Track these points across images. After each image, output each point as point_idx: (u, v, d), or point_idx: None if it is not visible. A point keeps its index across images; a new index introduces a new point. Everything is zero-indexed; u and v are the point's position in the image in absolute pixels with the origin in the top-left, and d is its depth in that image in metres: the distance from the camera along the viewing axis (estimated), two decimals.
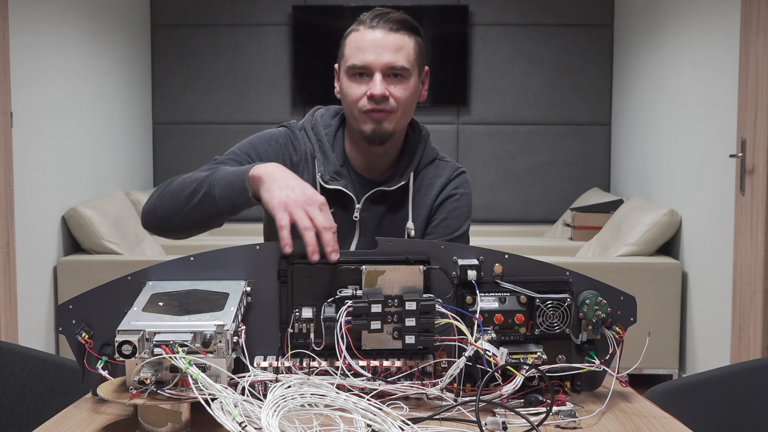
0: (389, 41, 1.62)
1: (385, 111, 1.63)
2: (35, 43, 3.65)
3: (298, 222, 1.34)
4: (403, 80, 1.64)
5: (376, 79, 1.61)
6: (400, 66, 1.62)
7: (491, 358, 1.25)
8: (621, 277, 3.73)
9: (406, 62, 1.63)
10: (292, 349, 1.29)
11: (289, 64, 5.46)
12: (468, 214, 1.78)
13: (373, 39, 1.62)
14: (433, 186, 1.75)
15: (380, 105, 1.62)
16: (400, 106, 1.64)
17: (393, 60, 1.61)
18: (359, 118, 1.65)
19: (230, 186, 1.46)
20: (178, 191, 1.55)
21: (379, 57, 1.61)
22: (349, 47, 1.65)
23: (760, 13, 3.08)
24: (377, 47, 1.61)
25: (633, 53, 4.94)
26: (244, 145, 1.72)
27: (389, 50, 1.61)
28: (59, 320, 1.27)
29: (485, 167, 5.49)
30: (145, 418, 1.13)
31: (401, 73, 1.63)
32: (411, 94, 1.66)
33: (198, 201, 1.50)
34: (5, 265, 3.25)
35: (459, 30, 5.38)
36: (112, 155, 4.75)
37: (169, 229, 1.59)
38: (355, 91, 1.64)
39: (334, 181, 1.69)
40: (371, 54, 1.61)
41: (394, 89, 1.63)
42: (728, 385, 1.61)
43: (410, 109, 1.69)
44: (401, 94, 1.63)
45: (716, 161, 3.49)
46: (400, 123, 1.67)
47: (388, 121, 1.64)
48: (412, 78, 1.65)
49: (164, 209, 1.56)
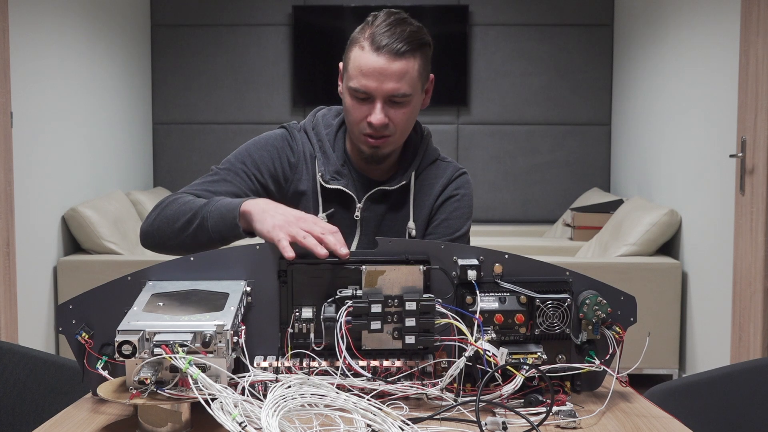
0: (393, 69, 1.58)
1: (384, 137, 1.64)
2: (35, 43, 3.65)
3: (296, 235, 1.34)
4: (404, 105, 1.62)
5: (377, 107, 1.60)
6: (401, 93, 1.60)
7: (491, 358, 1.25)
8: (621, 277, 3.73)
9: (409, 88, 1.60)
10: (292, 349, 1.29)
11: (289, 64, 5.46)
12: (469, 214, 1.78)
13: (376, 66, 1.58)
14: (435, 186, 1.75)
15: (379, 132, 1.62)
16: (398, 129, 1.64)
17: (395, 88, 1.59)
18: (358, 138, 1.66)
19: (222, 220, 1.49)
20: (173, 218, 1.57)
21: (381, 85, 1.58)
22: (353, 64, 1.61)
23: (760, 13, 3.08)
24: (380, 75, 1.58)
25: (633, 53, 4.94)
26: (241, 153, 1.72)
27: (392, 79, 1.58)
28: (59, 320, 1.27)
29: (485, 167, 5.49)
30: (145, 418, 1.14)
31: (402, 100, 1.61)
32: (410, 116, 1.65)
33: (192, 231, 1.53)
34: (5, 265, 3.25)
35: (459, 30, 5.38)
36: (112, 155, 4.75)
37: (166, 250, 1.62)
38: (356, 114, 1.63)
39: (334, 181, 1.69)
40: (373, 81, 1.58)
41: (394, 114, 1.62)
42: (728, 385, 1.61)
43: (409, 128, 1.69)
44: (401, 118, 1.63)
45: (716, 161, 3.49)
46: (398, 142, 1.68)
47: (386, 145, 1.65)
48: (414, 99, 1.64)
49: (161, 234, 1.59)
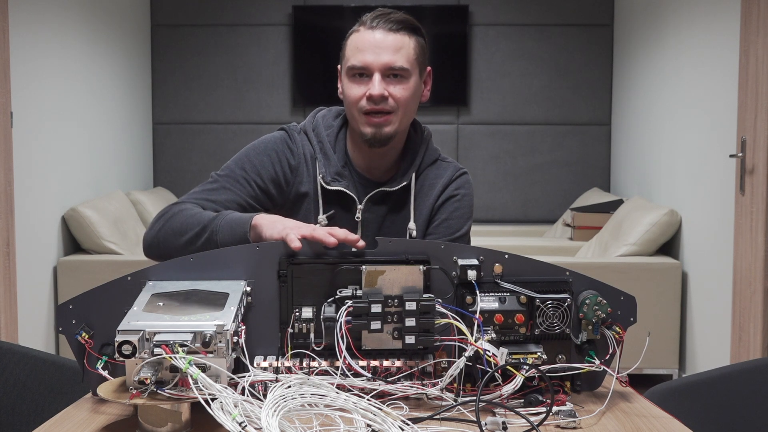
0: (388, 42, 1.62)
1: (385, 112, 1.63)
2: (35, 43, 3.65)
3: (304, 232, 1.35)
4: (402, 80, 1.64)
5: (375, 79, 1.62)
6: (399, 66, 1.62)
7: (491, 358, 1.25)
8: (621, 277, 3.72)
9: (406, 62, 1.63)
10: (292, 349, 1.29)
11: (289, 64, 5.46)
12: (469, 214, 1.78)
13: (372, 39, 1.63)
14: (435, 187, 1.75)
15: (379, 105, 1.63)
16: (400, 106, 1.64)
17: (392, 60, 1.62)
18: (359, 120, 1.66)
19: (231, 233, 1.51)
20: (180, 231, 1.57)
21: (378, 57, 1.62)
22: (349, 48, 1.66)
23: (760, 13, 3.08)
24: (376, 48, 1.62)
25: (633, 53, 4.94)
26: (240, 158, 1.72)
27: (388, 50, 1.62)
28: (59, 320, 1.27)
29: (485, 167, 5.49)
30: (145, 418, 1.14)
31: (400, 73, 1.63)
32: (411, 95, 1.66)
33: (200, 245, 1.54)
34: (5, 265, 3.25)
35: (459, 30, 5.38)
36: (112, 155, 4.75)
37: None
38: (354, 92, 1.64)
39: (335, 182, 1.69)
40: (370, 54, 1.62)
41: (393, 89, 1.63)
42: (728, 385, 1.61)
43: (411, 110, 1.69)
44: (401, 94, 1.64)
45: (716, 161, 3.49)
46: (401, 124, 1.67)
47: (388, 124, 1.65)
48: (412, 78, 1.65)
49: (166, 246, 1.59)
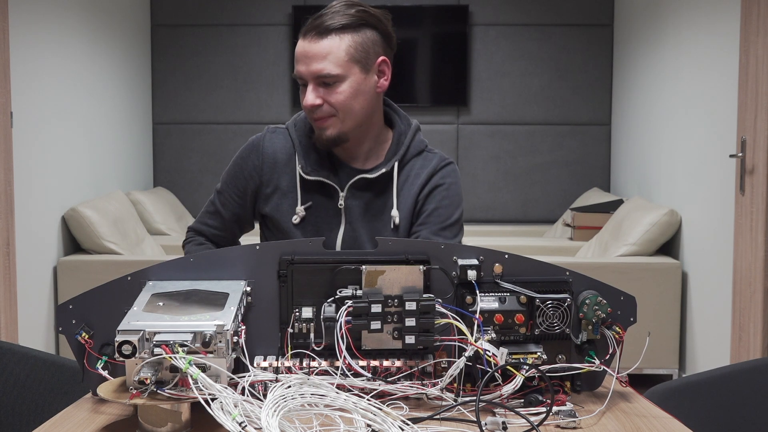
0: (315, 50, 1.65)
1: (323, 118, 1.67)
2: (35, 43, 3.65)
3: None
4: (335, 85, 1.66)
5: (308, 90, 1.66)
6: (326, 74, 1.64)
7: (491, 358, 1.25)
8: (621, 277, 3.72)
9: (335, 67, 1.64)
10: (292, 349, 1.29)
11: (289, 64, 5.45)
12: (459, 202, 1.78)
13: (302, 49, 1.67)
14: (420, 176, 1.77)
15: (315, 114, 1.67)
16: (339, 109, 1.67)
17: (319, 69, 1.65)
18: (312, 124, 1.72)
19: None
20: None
21: (308, 67, 1.66)
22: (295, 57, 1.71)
23: (760, 13, 3.08)
24: (305, 57, 1.66)
25: (633, 53, 4.94)
26: (226, 174, 1.81)
27: (316, 59, 1.65)
28: (59, 320, 1.27)
29: (485, 167, 5.49)
30: (145, 418, 1.14)
31: (329, 80, 1.65)
32: (347, 97, 1.66)
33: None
34: (5, 265, 3.25)
35: (459, 30, 5.38)
36: (112, 155, 4.75)
37: None
38: (302, 100, 1.69)
39: (314, 173, 1.72)
40: (302, 65, 1.67)
41: (328, 95, 1.66)
42: (728, 385, 1.61)
43: (357, 108, 1.68)
44: (335, 99, 1.66)
45: (716, 161, 3.49)
46: (345, 125, 1.69)
47: (330, 127, 1.68)
48: (347, 80, 1.66)
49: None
